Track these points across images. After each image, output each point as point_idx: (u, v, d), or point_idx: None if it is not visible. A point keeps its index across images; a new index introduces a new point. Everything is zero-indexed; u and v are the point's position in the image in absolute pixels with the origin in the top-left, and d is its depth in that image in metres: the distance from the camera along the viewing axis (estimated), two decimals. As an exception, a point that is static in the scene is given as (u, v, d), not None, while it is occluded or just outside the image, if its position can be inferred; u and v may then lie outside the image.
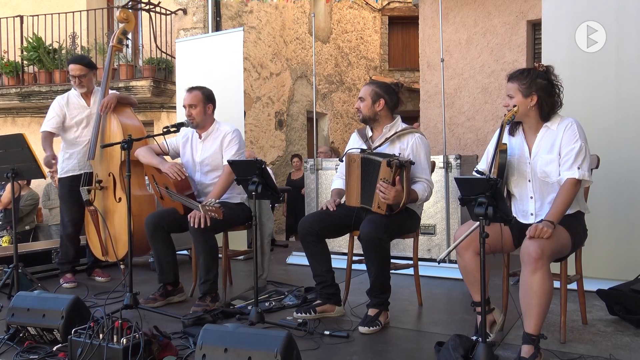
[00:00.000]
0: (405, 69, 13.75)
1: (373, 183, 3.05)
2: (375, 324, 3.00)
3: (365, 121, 3.31)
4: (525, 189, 2.72)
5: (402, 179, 2.97)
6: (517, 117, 2.68)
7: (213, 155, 3.70)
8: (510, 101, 2.69)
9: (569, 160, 2.57)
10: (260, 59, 9.90)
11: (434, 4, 7.05)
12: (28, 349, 2.68)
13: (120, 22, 4.36)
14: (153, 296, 3.61)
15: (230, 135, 3.70)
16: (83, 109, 4.24)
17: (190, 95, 3.69)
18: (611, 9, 3.73)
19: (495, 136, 2.70)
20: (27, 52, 8.77)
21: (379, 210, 3.03)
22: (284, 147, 10.63)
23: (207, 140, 3.75)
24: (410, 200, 3.06)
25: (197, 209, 3.28)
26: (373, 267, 3.04)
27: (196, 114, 3.67)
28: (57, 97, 4.28)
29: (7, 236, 7.41)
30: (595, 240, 3.07)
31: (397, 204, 3.00)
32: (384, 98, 3.24)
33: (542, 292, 2.37)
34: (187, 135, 3.85)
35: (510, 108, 2.68)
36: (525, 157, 2.71)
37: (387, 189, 2.95)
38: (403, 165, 2.97)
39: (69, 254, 4.28)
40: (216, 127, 3.77)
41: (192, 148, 3.80)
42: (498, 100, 6.73)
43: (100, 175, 4.17)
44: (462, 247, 2.65)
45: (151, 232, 3.55)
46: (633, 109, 3.69)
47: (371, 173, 3.07)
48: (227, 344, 2.19)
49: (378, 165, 3.02)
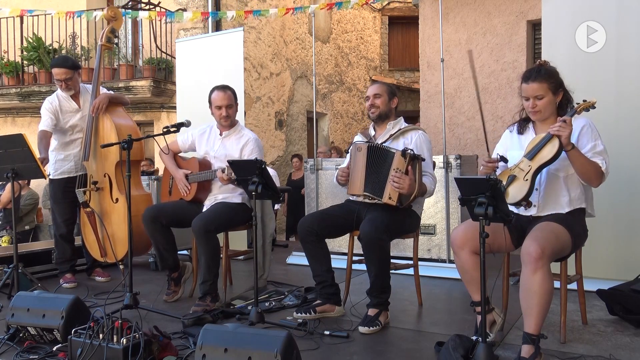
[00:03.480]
0: (405, 69, 13.76)
1: (381, 173, 3.08)
2: (375, 324, 3.00)
3: (380, 117, 3.34)
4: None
5: (415, 170, 3.01)
6: (541, 118, 2.70)
7: (230, 155, 3.68)
8: (539, 102, 2.67)
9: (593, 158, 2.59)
10: (260, 59, 9.90)
11: (434, 4, 7.05)
12: (28, 349, 2.68)
13: (108, 21, 4.28)
14: (169, 290, 3.75)
15: (253, 144, 3.70)
16: (75, 112, 4.19)
17: (226, 95, 3.69)
18: (611, 9, 3.74)
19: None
20: (27, 52, 8.78)
21: (389, 202, 3.04)
22: (284, 147, 10.63)
23: (228, 139, 3.76)
24: (420, 192, 3.08)
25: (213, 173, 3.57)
26: (373, 267, 3.05)
27: (232, 114, 3.72)
28: (47, 99, 4.17)
29: (7, 236, 7.41)
30: (595, 240, 3.07)
31: (409, 194, 3.01)
32: (397, 96, 3.37)
33: (542, 292, 2.37)
34: (205, 129, 3.87)
35: (537, 109, 2.67)
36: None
37: (401, 178, 2.97)
38: (416, 157, 3.03)
39: (66, 253, 4.28)
40: (239, 128, 3.80)
41: (209, 142, 3.82)
42: (498, 100, 6.73)
43: (95, 176, 4.15)
44: (459, 246, 2.65)
45: (148, 225, 3.59)
46: (633, 108, 3.69)
47: (379, 163, 3.10)
48: (227, 344, 2.19)
49: (392, 155, 3.06)
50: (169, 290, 3.77)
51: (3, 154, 3.73)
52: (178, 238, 3.79)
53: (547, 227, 2.51)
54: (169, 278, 3.79)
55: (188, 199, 3.73)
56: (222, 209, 3.55)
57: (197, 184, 3.70)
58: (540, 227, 2.53)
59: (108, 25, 4.26)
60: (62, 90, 4.15)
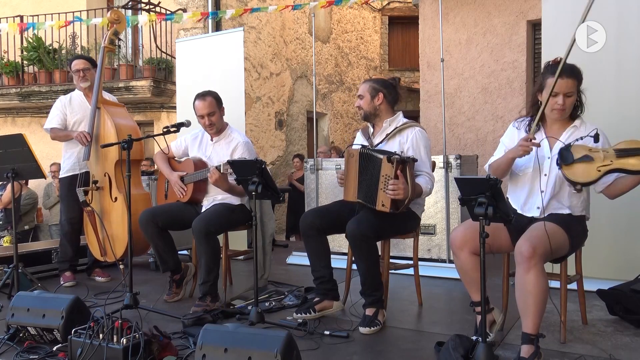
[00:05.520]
0: (405, 69, 13.74)
1: (372, 180, 3.03)
2: (374, 323, 3.00)
3: (367, 118, 3.31)
4: (538, 182, 2.68)
5: (405, 174, 2.94)
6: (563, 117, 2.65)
7: (222, 159, 3.68)
8: (567, 100, 2.60)
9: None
10: (260, 59, 9.89)
11: (434, 4, 7.05)
12: (28, 349, 2.68)
13: (111, 23, 4.32)
14: (170, 292, 3.75)
15: (242, 148, 3.69)
16: (85, 108, 4.26)
17: (205, 103, 3.64)
18: (611, 9, 3.73)
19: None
20: (27, 52, 8.78)
21: (383, 209, 2.97)
22: (284, 147, 10.63)
23: (219, 144, 3.76)
24: (415, 194, 3.02)
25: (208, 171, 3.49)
26: (361, 265, 3.05)
27: (216, 120, 3.68)
28: (60, 97, 4.32)
29: (8, 236, 7.41)
30: (595, 240, 3.07)
31: (404, 199, 2.95)
32: (382, 92, 3.24)
33: (537, 291, 2.36)
34: (197, 134, 3.88)
35: (565, 107, 2.59)
36: (545, 152, 2.69)
37: (395, 184, 2.89)
38: (405, 161, 2.95)
39: (68, 253, 4.30)
40: (229, 132, 3.79)
41: (201, 148, 3.83)
42: (498, 100, 6.73)
43: (96, 175, 4.17)
44: (458, 246, 2.64)
45: (145, 228, 3.59)
46: (633, 109, 3.68)
47: (370, 169, 3.05)
48: (227, 344, 2.19)
49: (379, 162, 2.99)
50: (170, 291, 3.78)
51: (3, 154, 3.74)
52: (177, 238, 3.80)
53: (542, 227, 2.50)
54: (170, 280, 3.79)
55: (184, 201, 3.73)
56: (222, 210, 3.55)
57: (193, 184, 3.70)
58: (535, 227, 2.53)
59: (111, 28, 4.29)
60: (80, 82, 4.26)
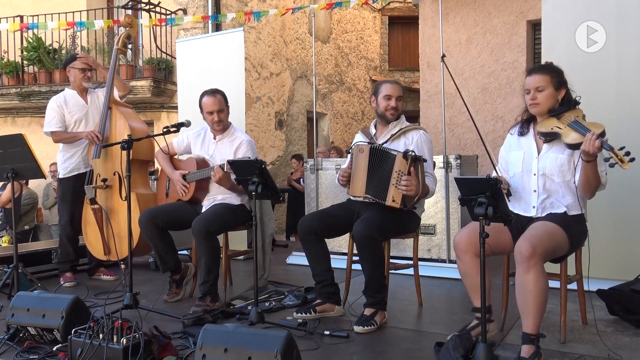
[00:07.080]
0: (405, 69, 13.74)
1: (383, 175, 3.06)
2: (370, 323, 3.00)
3: (397, 118, 3.34)
4: (529, 182, 2.70)
5: (417, 172, 3.00)
6: (540, 111, 2.66)
7: (225, 159, 3.68)
8: (539, 95, 2.64)
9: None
10: (260, 59, 9.89)
11: (434, 4, 7.05)
12: (28, 349, 2.68)
13: (124, 27, 4.50)
14: (170, 292, 3.76)
15: (246, 146, 3.70)
16: (82, 107, 4.30)
17: (216, 99, 3.66)
18: (611, 9, 3.74)
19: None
20: (27, 52, 8.78)
21: (393, 204, 3.02)
22: (284, 147, 10.62)
23: (222, 142, 3.77)
24: (423, 193, 3.08)
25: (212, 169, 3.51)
26: (367, 266, 3.05)
27: (224, 117, 3.71)
28: (53, 98, 4.32)
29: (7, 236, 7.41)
30: (595, 240, 3.07)
31: (414, 196, 3.01)
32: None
33: (537, 291, 2.36)
34: (199, 132, 3.88)
35: (537, 101, 2.63)
36: (533, 152, 2.70)
37: (408, 180, 2.96)
38: (418, 159, 3.02)
39: (69, 254, 4.31)
40: (232, 131, 3.79)
41: (204, 146, 3.83)
42: (498, 100, 6.73)
43: (104, 174, 4.19)
44: (462, 250, 2.64)
45: (145, 229, 3.59)
46: (633, 109, 3.69)
47: (382, 165, 3.09)
48: (227, 344, 2.19)
49: (393, 157, 3.05)
50: (170, 291, 3.78)
51: (3, 154, 3.74)
52: (177, 238, 3.80)
53: (541, 227, 2.51)
54: (170, 280, 3.79)
55: (186, 199, 3.73)
56: (222, 210, 3.55)
57: (195, 183, 3.70)
58: (535, 227, 2.53)
59: (124, 31, 4.46)
60: (84, 81, 4.32)
